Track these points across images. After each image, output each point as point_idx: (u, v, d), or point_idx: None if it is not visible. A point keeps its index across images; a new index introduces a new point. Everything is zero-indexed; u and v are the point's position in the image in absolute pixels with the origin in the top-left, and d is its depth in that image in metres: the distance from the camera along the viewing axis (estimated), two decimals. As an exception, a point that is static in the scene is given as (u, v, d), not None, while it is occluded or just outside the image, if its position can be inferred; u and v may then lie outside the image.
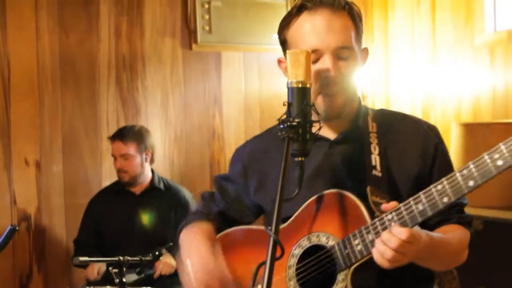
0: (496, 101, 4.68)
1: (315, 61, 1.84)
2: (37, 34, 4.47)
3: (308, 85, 1.69)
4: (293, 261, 1.85)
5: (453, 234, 1.86)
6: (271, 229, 1.54)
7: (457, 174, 1.57)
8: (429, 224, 1.83)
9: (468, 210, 2.00)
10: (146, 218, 4.10)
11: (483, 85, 4.89)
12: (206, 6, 5.00)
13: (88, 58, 4.66)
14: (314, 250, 1.83)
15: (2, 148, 4.36)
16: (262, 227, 1.98)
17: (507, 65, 4.72)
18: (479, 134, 4.70)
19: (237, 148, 2.21)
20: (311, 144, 1.69)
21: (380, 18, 5.74)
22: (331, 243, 1.79)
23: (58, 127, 4.54)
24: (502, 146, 1.50)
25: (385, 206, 1.69)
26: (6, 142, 4.37)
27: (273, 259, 1.51)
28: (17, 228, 3.03)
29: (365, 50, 1.98)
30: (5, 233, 2.93)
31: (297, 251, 1.85)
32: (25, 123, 4.44)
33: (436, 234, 1.78)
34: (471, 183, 1.55)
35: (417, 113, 5.45)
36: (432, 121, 5.23)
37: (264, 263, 1.51)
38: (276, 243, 1.52)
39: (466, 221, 1.93)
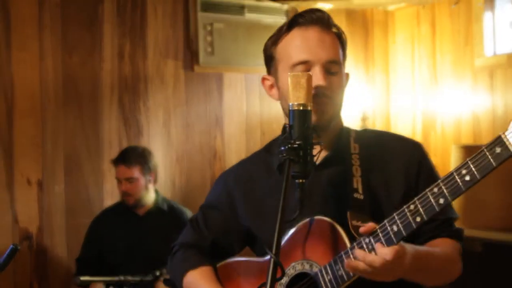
0: (496, 123, 4.70)
1: None
2: (40, 54, 4.49)
3: (309, 108, 1.71)
4: None
5: (442, 247, 1.85)
6: (271, 251, 1.56)
7: (428, 193, 1.59)
8: (419, 240, 1.84)
9: (467, 232, 1.99)
10: (148, 239, 4.09)
11: (483, 107, 4.91)
12: (209, 28, 5.02)
13: (90, 78, 4.66)
14: (300, 278, 1.83)
15: (5, 167, 4.35)
16: (261, 259, 1.97)
17: (507, 88, 4.75)
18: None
19: (221, 174, 2.18)
20: (312, 166, 1.70)
21: (381, 41, 5.78)
22: (314, 270, 1.79)
23: (60, 146, 4.54)
24: (469, 162, 1.52)
25: (362, 229, 1.68)
26: (9, 161, 4.36)
27: (274, 280, 1.53)
28: (19, 247, 3.02)
29: (347, 75, 1.99)
30: (7, 253, 2.91)
31: (284, 280, 1.84)
32: (28, 142, 4.43)
33: (423, 247, 1.79)
34: (441, 200, 1.57)
35: (417, 135, 5.47)
36: (432, 142, 5.25)
37: (264, 284, 1.53)
38: (276, 264, 1.54)
39: (456, 234, 1.92)
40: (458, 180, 1.54)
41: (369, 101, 5.58)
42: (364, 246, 1.67)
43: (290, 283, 1.85)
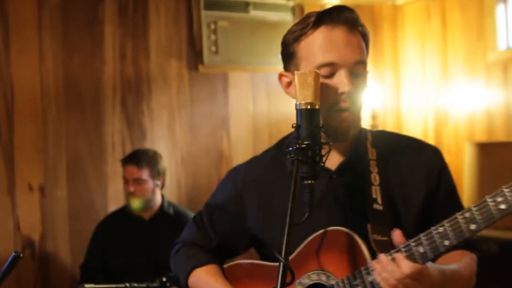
0: (510, 118, 4.65)
1: (330, 75, 1.80)
2: (40, 57, 4.49)
3: (317, 107, 1.68)
4: None
5: (463, 262, 1.82)
6: (280, 254, 1.53)
7: (459, 217, 1.57)
8: None
9: (482, 232, 1.93)
10: (154, 244, 4.05)
11: (496, 103, 4.87)
12: (212, 26, 5.00)
13: (92, 80, 4.67)
14: None
15: (6, 172, 4.35)
16: (270, 264, 1.93)
17: (521, 83, 4.71)
18: (494, 154, 4.65)
19: (229, 171, 2.13)
20: (320, 166, 1.67)
21: (390, 36, 5.76)
22: (331, 282, 1.76)
23: (63, 150, 4.54)
24: (505, 190, 1.51)
25: (396, 238, 1.65)
26: (10, 166, 4.36)
27: (284, 284, 1.51)
28: (21, 255, 3.00)
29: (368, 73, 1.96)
30: (9, 261, 2.89)
31: None
32: (29, 147, 4.43)
33: (447, 267, 1.74)
34: (473, 226, 1.55)
35: (429, 132, 5.45)
36: (445, 140, 5.22)
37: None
38: (286, 268, 1.51)
39: (473, 245, 1.87)
40: (492, 207, 1.52)
41: (379, 99, 5.56)
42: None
43: None
